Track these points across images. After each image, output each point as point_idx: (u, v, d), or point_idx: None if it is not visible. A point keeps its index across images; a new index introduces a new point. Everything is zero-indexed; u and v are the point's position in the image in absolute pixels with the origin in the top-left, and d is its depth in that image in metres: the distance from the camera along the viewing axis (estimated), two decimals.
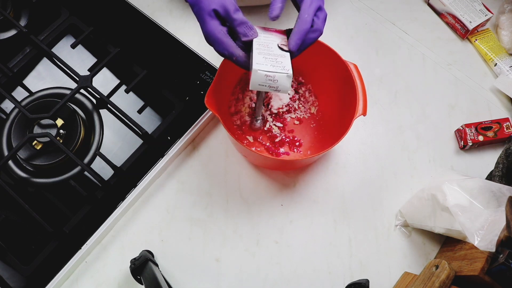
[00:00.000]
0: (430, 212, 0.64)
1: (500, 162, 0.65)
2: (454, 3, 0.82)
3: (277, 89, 0.54)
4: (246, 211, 0.69)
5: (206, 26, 0.55)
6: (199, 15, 0.56)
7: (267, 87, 0.54)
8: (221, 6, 0.55)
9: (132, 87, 0.71)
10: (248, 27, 0.56)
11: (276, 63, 0.54)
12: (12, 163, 0.69)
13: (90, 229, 0.65)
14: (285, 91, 0.55)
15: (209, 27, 0.55)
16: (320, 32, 0.57)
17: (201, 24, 0.56)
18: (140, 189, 0.68)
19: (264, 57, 0.54)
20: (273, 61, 0.54)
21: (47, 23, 0.78)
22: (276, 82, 0.54)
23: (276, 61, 0.54)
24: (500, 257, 0.54)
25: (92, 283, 0.65)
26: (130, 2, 0.80)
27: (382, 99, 0.78)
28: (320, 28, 0.57)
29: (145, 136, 0.70)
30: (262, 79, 0.53)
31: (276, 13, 0.56)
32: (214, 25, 0.55)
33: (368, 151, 0.74)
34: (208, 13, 0.55)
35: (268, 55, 0.55)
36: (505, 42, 0.82)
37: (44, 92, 0.73)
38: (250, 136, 0.73)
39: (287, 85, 0.54)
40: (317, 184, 0.71)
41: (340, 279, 0.66)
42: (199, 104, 0.72)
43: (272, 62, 0.54)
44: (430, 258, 0.68)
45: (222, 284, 0.66)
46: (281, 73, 0.53)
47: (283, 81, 0.54)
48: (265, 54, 0.55)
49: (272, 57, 0.55)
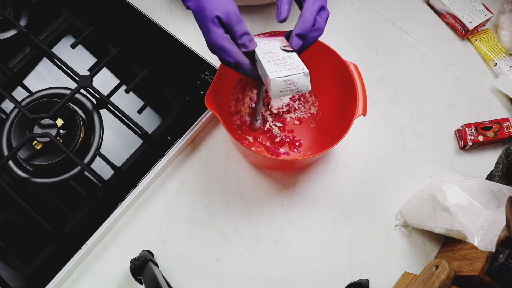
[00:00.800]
0: (430, 212, 0.64)
1: (500, 162, 0.65)
2: (454, 3, 0.82)
3: (298, 90, 0.54)
4: (246, 211, 0.69)
5: (210, 35, 0.54)
6: (203, 23, 0.54)
7: (288, 91, 0.53)
8: (224, 13, 0.54)
9: (132, 87, 0.71)
10: (248, 39, 0.55)
11: (288, 66, 0.53)
12: (12, 163, 0.69)
13: (90, 229, 0.65)
14: (307, 89, 0.54)
15: (214, 36, 0.54)
16: (321, 31, 0.57)
17: (205, 32, 0.55)
18: (140, 189, 0.68)
19: (274, 63, 0.54)
20: (284, 65, 0.53)
21: (47, 23, 0.78)
22: (296, 84, 0.53)
23: (287, 64, 0.54)
24: (500, 257, 0.54)
25: (92, 283, 0.65)
26: (130, 2, 0.80)
27: (382, 99, 0.78)
28: (322, 27, 0.57)
29: (145, 136, 0.70)
30: (282, 85, 0.53)
31: (284, 16, 0.55)
32: (219, 33, 0.54)
33: (368, 151, 0.74)
34: (211, 20, 0.54)
35: (277, 60, 0.54)
36: (505, 42, 0.82)
37: (44, 92, 0.73)
38: (250, 136, 0.73)
39: (307, 83, 0.53)
40: (317, 184, 0.71)
41: (340, 279, 0.66)
42: (199, 104, 0.72)
43: (284, 66, 0.53)
44: (430, 258, 0.68)
45: (222, 284, 0.66)
46: (297, 74, 0.53)
47: (302, 81, 0.53)
48: (274, 61, 0.54)
49: (281, 61, 0.54)
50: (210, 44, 0.55)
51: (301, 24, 0.55)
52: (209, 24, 0.54)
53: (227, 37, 0.54)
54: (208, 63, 0.75)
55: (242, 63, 0.55)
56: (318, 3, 0.56)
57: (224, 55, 0.55)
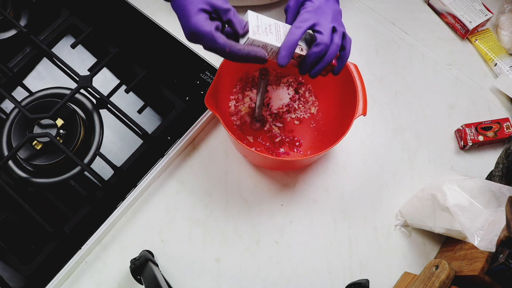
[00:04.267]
0: (430, 212, 0.64)
1: (500, 162, 0.65)
2: (454, 3, 0.82)
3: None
4: (246, 211, 0.69)
5: (191, 20, 0.51)
6: (185, 7, 0.51)
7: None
8: (207, 4, 0.51)
9: (132, 87, 0.72)
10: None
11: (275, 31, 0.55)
12: (12, 163, 0.69)
13: (90, 229, 0.65)
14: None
15: (195, 20, 0.51)
16: (326, 45, 0.55)
17: (185, 17, 0.51)
18: (140, 189, 0.68)
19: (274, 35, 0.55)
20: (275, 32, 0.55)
21: (47, 23, 0.78)
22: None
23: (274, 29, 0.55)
24: (500, 257, 0.54)
25: (92, 283, 0.65)
26: (130, 2, 0.80)
27: (382, 99, 0.78)
28: (326, 42, 0.55)
29: (145, 136, 0.70)
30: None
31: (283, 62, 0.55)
32: (202, 19, 0.51)
33: (368, 151, 0.74)
34: (196, 8, 0.51)
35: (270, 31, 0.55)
36: (505, 42, 0.82)
37: (44, 92, 0.73)
38: (250, 136, 0.73)
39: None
40: (317, 184, 0.71)
41: (340, 279, 0.66)
42: (199, 104, 0.72)
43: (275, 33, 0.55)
44: (430, 258, 0.68)
45: (222, 284, 0.66)
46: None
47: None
48: (268, 32, 0.54)
49: (271, 30, 0.55)
50: (192, 30, 0.52)
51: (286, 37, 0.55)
52: (191, 10, 0.51)
53: (213, 24, 0.51)
54: (208, 63, 0.75)
55: (229, 45, 0.52)
56: (309, 22, 0.55)
57: (207, 41, 0.51)
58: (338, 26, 0.57)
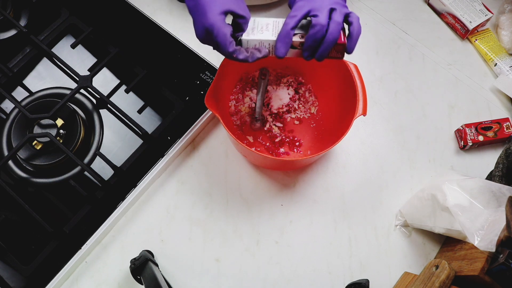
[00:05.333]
0: (430, 212, 0.64)
1: (500, 162, 0.65)
2: (454, 3, 0.82)
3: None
4: (246, 211, 0.69)
5: (211, 18, 0.51)
6: (206, 5, 0.51)
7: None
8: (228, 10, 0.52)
9: (132, 87, 0.72)
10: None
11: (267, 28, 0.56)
12: (12, 163, 0.69)
13: (90, 229, 0.65)
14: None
15: (215, 20, 0.51)
16: (322, 25, 0.53)
17: (203, 15, 0.51)
18: (140, 189, 0.68)
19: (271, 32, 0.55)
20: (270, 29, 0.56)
21: (47, 23, 0.78)
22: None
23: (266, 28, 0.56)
24: (500, 257, 0.54)
25: (92, 283, 0.65)
26: (130, 2, 0.80)
27: (382, 99, 0.78)
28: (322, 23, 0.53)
29: (145, 136, 0.70)
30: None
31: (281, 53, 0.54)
32: (221, 19, 0.51)
33: (368, 151, 0.74)
34: (219, 10, 0.51)
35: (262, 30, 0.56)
36: (505, 42, 0.82)
37: (44, 92, 0.73)
38: (250, 136, 0.73)
39: None
40: (317, 184, 0.71)
41: (340, 279, 0.66)
42: (199, 104, 0.72)
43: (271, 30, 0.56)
44: (430, 258, 0.68)
45: (222, 284, 0.66)
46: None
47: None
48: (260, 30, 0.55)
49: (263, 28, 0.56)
50: (208, 29, 0.51)
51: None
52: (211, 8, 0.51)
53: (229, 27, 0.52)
54: (208, 63, 0.75)
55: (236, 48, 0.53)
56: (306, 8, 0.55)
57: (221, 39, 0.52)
58: (339, 7, 0.55)
